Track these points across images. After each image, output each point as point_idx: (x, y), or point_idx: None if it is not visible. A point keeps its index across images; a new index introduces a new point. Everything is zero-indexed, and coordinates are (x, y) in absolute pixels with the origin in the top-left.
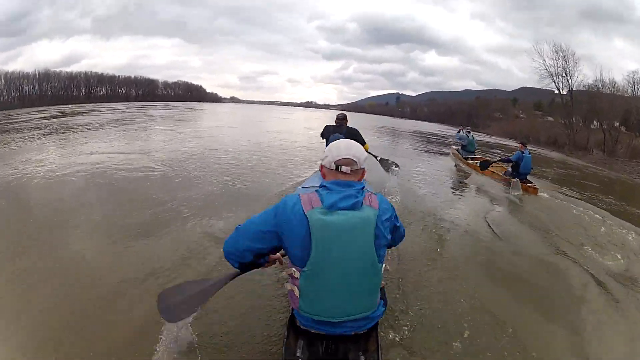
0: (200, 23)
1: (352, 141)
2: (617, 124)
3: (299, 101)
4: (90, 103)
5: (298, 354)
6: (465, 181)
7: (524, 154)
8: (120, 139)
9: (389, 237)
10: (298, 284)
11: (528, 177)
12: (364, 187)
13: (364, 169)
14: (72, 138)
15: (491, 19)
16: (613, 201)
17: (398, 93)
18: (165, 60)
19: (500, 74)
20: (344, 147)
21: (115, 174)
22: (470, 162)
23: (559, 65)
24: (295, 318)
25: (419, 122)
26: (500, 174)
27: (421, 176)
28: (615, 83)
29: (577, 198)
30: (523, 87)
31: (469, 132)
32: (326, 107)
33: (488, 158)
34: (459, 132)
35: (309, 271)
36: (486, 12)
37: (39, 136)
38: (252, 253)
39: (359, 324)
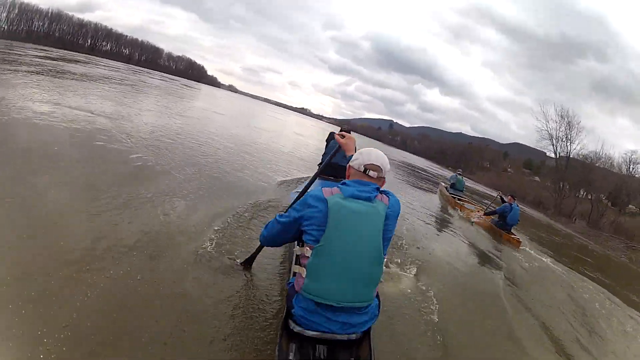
0: (218, 3)
1: (381, 152)
2: (604, 197)
3: (294, 105)
4: (92, 55)
5: (290, 357)
6: (453, 221)
7: (512, 206)
8: (101, 98)
9: (392, 232)
10: (306, 264)
11: (513, 230)
12: (378, 187)
13: (384, 178)
14: (53, 84)
15: (501, 71)
16: (599, 276)
17: (392, 120)
18: (177, 32)
19: (497, 126)
20: (375, 154)
21: (62, 132)
22: (458, 201)
23: (561, 129)
24: (289, 321)
25: (409, 154)
26: (487, 221)
27: (407, 207)
28: (611, 159)
29: (558, 260)
30: (516, 143)
31: (460, 174)
32: (319, 117)
33: (473, 206)
34: (452, 174)
35: (320, 247)
36: (499, 63)
37: (28, 74)
38: (282, 240)
39: (355, 319)
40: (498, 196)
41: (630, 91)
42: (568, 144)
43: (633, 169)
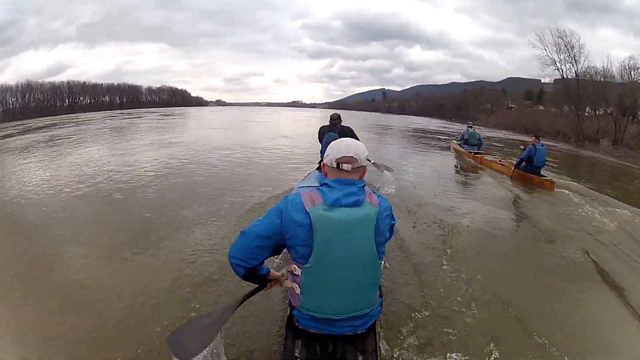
0: (184, 27)
1: (353, 139)
2: (610, 111)
3: (285, 101)
4: (73, 113)
5: (296, 354)
6: (473, 176)
7: (536, 147)
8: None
9: (388, 235)
10: (299, 281)
11: (542, 172)
12: (364, 185)
13: (365, 166)
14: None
15: (476, 12)
16: None
17: (384, 89)
18: (151, 65)
19: (486, 66)
20: (345, 145)
21: (64, 199)
22: (476, 155)
23: (562, 51)
24: (294, 318)
25: (407, 116)
26: (510, 168)
27: (426, 173)
28: (609, 70)
29: (607, 194)
30: (510, 78)
31: (471, 127)
32: (313, 105)
33: (493, 157)
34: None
35: (311, 267)
36: (471, 5)
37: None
38: (257, 256)
39: (358, 322)
40: (521, 147)
41: (604, 1)
42: (574, 64)
43: (635, 75)
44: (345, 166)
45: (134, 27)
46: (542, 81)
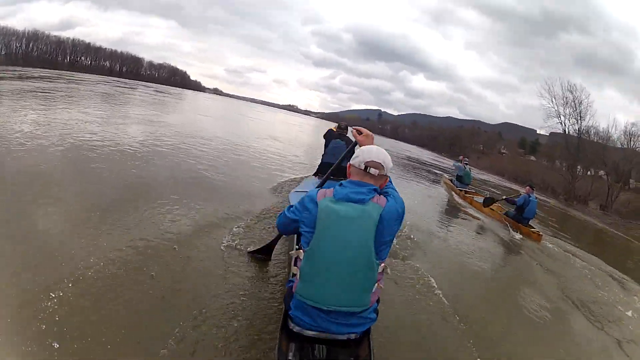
0: (195, 8)
1: (383, 149)
2: (603, 174)
3: (281, 103)
4: (72, 71)
5: (290, 357)
6: (463, 215)
7: (530, 198)
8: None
9: (392, 236)
10: (300, 266)
11: (530, 223)
12: (375, 188)
13: (387, 176)
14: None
15: (485, 51)
16: None
17: (380, 110)
18: (157, 40)
19: (485, 107)
20: (376, 151)
21: (55, 153)
22: (466, 195)
23: (569, 105)
24: (288, 322)
25: (400, 143)
26: (500, 213)
27: (415, 206)
28: (609, 133)
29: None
30: (505, 123)
31: (467, 164)
32: (307, 113)
33: (490, 195)
34: (457, 162)
35: (309, 251)
36: (481, 44)
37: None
38: (289, 228)
39: (350, 321)
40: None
41: (615, 62)
42: (579, 120)
43: (634, 143)
44: (372, 170)
45: None
46: (538, 132)
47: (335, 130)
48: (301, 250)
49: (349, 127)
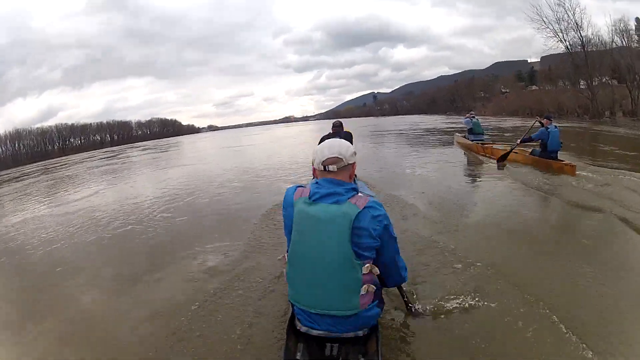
0: (168, 58)
1: (337, 139)
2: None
3: (277, 118)
4: (63, 156)
5: (298, 357)
6: (486, 170)
7: (549, 129)
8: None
9: (376, 240)
10: (286, 270)
11: (559, 156)
12: (354, 187)
13: (353, 163)
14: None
15: (452, 3)
16: None
17: (373, 92)
18: (140, 100)
19: (471, 55)
20: (327, 147)
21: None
22: (485, 146)
23: (563, 20)
24: (295, 321)
25: (402, 117)
26: (524, 155)
27: (427, 171)
28: (598, 34)
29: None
30: (497, 63)
31: (473, 116)
32: (305, 119)
33: (502, 146)
34: (466, 118)
35: (290, 256)
36: None
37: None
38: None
39: (350, 322)
40: (536, 122)
41: None
42: (578, 30)
43: (628, 39)
44: (331, 167)
45: (118, 65)
46: (529, 61)
47: (332, 131)
48: (286, 254)
49: (342, 124)
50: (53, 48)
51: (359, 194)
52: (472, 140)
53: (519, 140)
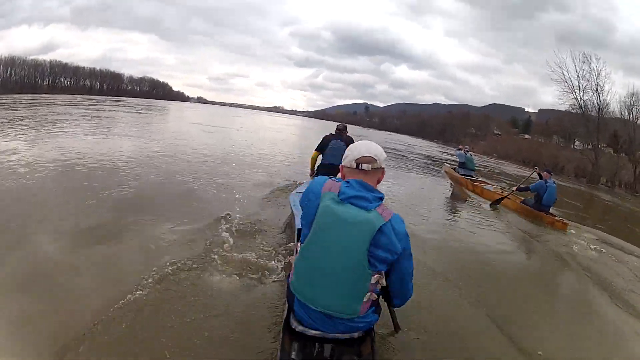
0: (175, 21)
1: (372, 142)
2: (604, 146)
3: (267, 105)
4: (51, 93)
5: (293, 356)
6: (473, 207)
7: (547, 184)
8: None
9: (393, 256)
10: (295, 260)
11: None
12: (382, 197)
13: (383, 168)
14: None
15: (465, 37)
16: None
17: (366, 103)
18: (140, 55)
19: (470, 91)
20: (365, 145)
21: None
22: (475, 184)
23: (584, 78)
24: (291, 320)
25: (390, 134)
26: (517, 202)
27: (415, 197)
28: (607, 105)
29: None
30: (492, 104)
31: (467, 151)
32: (293, 112)
33: (493, 187)
34: (458, 150)
35: (304, 248)
36: (460, 30)
37: None
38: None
39: (349, 323)
40: (534, 172)
41: (596, 36)
42: (597, 94)
43: (636, 115)
44: (364, 166)
45: (126, 14)
46: (526, 110)
47: (334, 132)
48: (299, 244)
49: (346, 128)
50: None
51: (385, 205)
52: (462, 175)
53: (515, 188)
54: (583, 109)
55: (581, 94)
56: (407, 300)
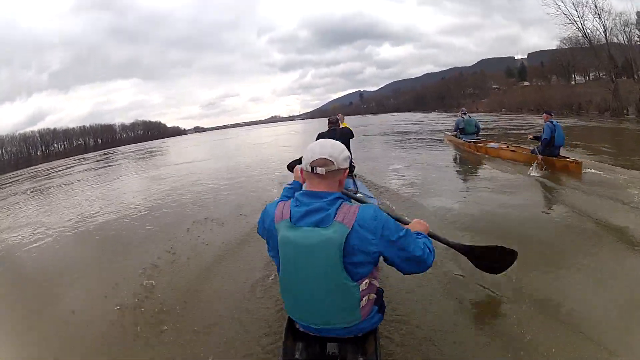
0: (153, 58)
1: (330, 140)
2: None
3: (263, 118)
4: (47, 162)
5: (297, 356)
6: (481, 169)
7: (554, 124)
8: None
9: (373, 254)
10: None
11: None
12: (338, 197)
13: (344, 169)
14: None
15: (439, 1)
16: None
17: (360, 90)
18: (126, 101)
19: (457, 53)
20: (319, 146)
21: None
22: (478, 145)
23: (580, 3)
24: (294, 320)
25: (392, 114)
26: (524, 153)
27: (423, 179)
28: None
29: None
30: (483, 60)
31: (465, 113)
32: (291, 118)
33: (498, 144)
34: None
35: (281, 281)
36: None
37: None
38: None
39: (350, 330)
40: (529, 138)
41: None
42: (599, 18)
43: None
44: (319, 170)
45: (104, 65)
46: (516, 57)
47: (327, 128)
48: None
49: (339, 120)
50: (41, 48)
51: (347, 203)
52: (465, 140)
53: (530, 136)
54: (589, 38)
55: (583, 22)
56: (429, 263)
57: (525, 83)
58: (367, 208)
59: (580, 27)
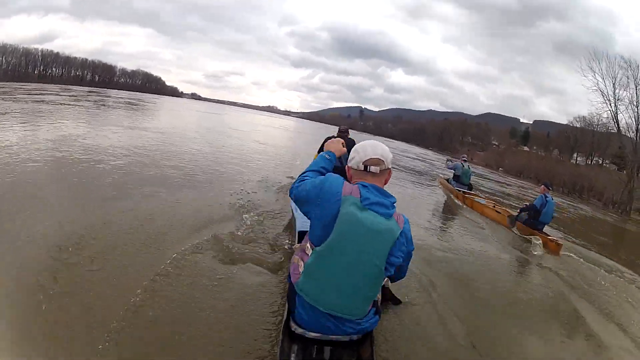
0: (172, 16)
1: (378, 142)
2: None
3: (261, 104)
4: (41, 83)
5: (292, 359)
6: (464, 220)
7: (547, 198)
8: None
9: (401, 260)
10: (306, 260)
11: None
12: (395, 202)
13: (390, 169)
14: None
15: (463, 43)
16: None
17: (361, 107)
18: (138, 49)
19: (466, 99)
20: (371, 147)
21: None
22: (465, 196)
23: (621, 85)
24: (290, 323)
25: (385, 139)
26: (507, 217)
27: (410, 210)
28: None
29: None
30: (488, 113)
31: (465, 161)
32: (287, 113)
33: (485, 201)
34: (448, 161)
35: (320, 251)
36: (459, 36)
37: None
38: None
39: (351, 324)
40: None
41: (595, 47)
42: (637, 109)
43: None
44: (373, 168)
45: (125, 6)
46: (521, 121)
47: (336, 135)
48: (308, 245)
49: (348, 130)
50: None
51: (398, 213)
52: (456, 188)
53: (520, 209)
54: (618, 123)
55: (616, 105)
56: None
57: (525, 148)
58: (407, 219)
59: (612, 111)
